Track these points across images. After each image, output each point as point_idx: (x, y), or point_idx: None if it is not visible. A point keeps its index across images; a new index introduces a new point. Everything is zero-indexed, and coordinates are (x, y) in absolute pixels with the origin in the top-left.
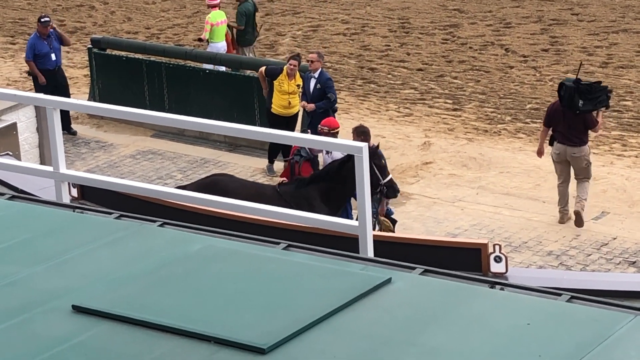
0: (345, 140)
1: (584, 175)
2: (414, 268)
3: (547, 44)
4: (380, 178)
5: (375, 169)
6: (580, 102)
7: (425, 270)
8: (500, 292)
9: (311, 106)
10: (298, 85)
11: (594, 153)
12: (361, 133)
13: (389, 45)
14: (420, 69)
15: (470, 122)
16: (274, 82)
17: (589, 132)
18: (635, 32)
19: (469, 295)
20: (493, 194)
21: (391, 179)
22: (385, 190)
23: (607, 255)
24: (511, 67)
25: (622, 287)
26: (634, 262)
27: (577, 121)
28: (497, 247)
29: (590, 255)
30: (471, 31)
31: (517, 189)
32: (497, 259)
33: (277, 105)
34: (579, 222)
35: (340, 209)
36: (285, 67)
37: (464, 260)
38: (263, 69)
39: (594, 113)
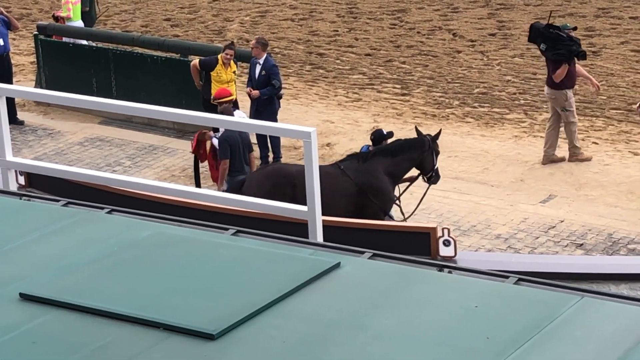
0: (294, 126)
1: (563, 119)
2: (362, 252)
3: (494, 29)
4: (435, 163)
5: (434, 155)
6: (543, 45)
7: (374, 255)
8: (448, 275)
9: (256, 93)
10: (234, 72)
11: (541, 137)
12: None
13: (337, 31)
14: (368, 54)
15: (418, 107)
16: (212, 73)
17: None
18: (581, 16)
19: (418, 279)
20: (442, 178)
21: (437, 167)
22: (433, 176)
23: (554, 238)
24: (459, 52)
25: (570, 269)
26: (581, 245)
27: (549, 65)
28: (445, 231)
29: (538, 238)
30: (419, 16)
31: (465, 173)
32: (446, 243)
33: None
34: (572, 157)
35: (397, 184)
36: (220, 57)
37: (413, 244)
38: (196, 62)
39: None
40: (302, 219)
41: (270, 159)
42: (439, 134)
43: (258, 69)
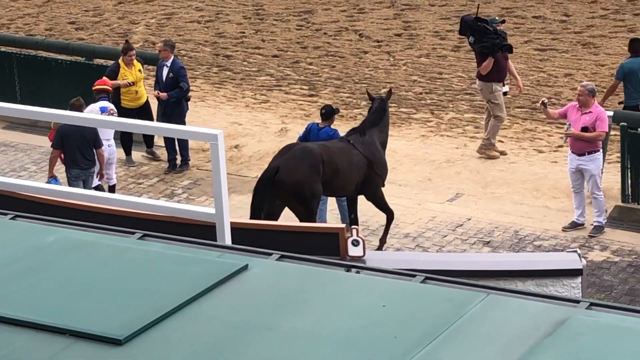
0: (201, 128)
1: (490, 112)
2: (270, 254)
3: (400, 29)
4: None
5: None
6: (471, 37)
7: (282, 256)
8: (356, 275)
9: (164, 95)
10: (140, 70)
11: (447, 136)
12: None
13: (243, 32)
14: (275, 56)
15: None
16: (117, 78)
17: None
18: (485, 15)
19: (326, 279)
20: None
21: None
22: None
23: (462, 236)
24: (365, 52)
25: (476, 267)
26: (488, 242)
27: (477, 57)
28: (354, 231)
29: (446, 236)
30: (325, 17)
31: None
32: (355, 243)
33: (126, 99)
34: (481, 150)
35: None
36: (120, 61)
37: (322, 245)
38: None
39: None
40: (210, 221)
41: (178, 161)
42: (390, 92)
43: (165, 71)
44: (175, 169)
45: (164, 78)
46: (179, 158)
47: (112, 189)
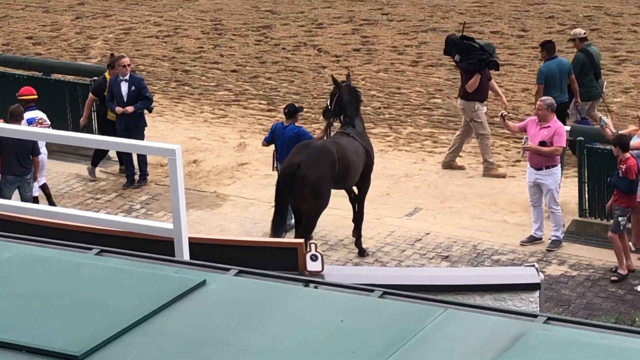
0: (159, 143)
1: (474, 131)
2: (228, 269)
3: (358, 44)
4: None
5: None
6: (457, 56)
7: (240, 271)
8: (314, 290)
9: (130, 108)
10: None
11: (405, 150)
12: None
13: (202, 47)
14: (234, 70)
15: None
16: (105, 93)
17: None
18: (443, 30)
19: (284, 294)
20: None
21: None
22: None
23: (420, 251)
24: (324, 67)
25: (435, 282)
26: (447, 257)
27: (462, 75)
28: (313, 246)
29: (404, 251)
30: (284, 32)
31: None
32: (313, 258)
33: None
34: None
35: None
36: (106, 74)
37: (280, 260)
38: (91, 95)
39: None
40: (168, 236)
41: (137, 176)
42: (348, 75)
43: (125, 86)
44: (134, 184)
45: (126, 92)
46: (137, 172)
47: (36, 199)
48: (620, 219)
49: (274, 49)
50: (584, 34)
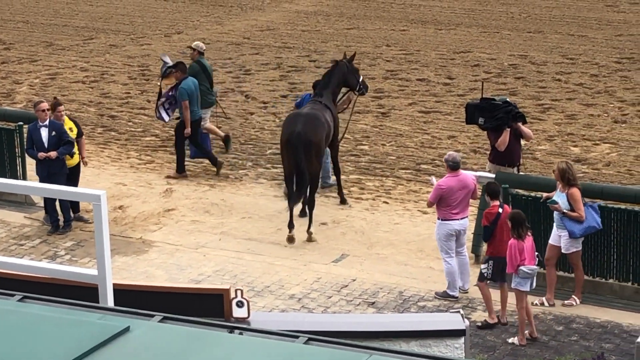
0: (84, 189)
1: None
2: (152, 316)
3: (286, 90)
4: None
5: (354, 72)
6: (481, 119)
7: (164, 318)
8: (239, 337)
9: (53, 153)
10: (71, 129)
11: (332, 197)
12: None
13: (129, 93)
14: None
15: (211, 169)
16: None
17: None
18: (370, 77)
19: (208, 341)
20: (236, 239)
21: (362, 79)
22: (361, 88)
23: (347, 297)
24: (252, 114)
25: (360, 328)
26: (373, 303)
27: (490, 137)
28: (239, 292)
29: (331, 297)
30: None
31: (259, 233)
32: (239, 304)
33: None
34: None
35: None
36: (51, 118)
37: (206, 306)
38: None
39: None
40: (92, 283)
41: (61, 222)
42: (353, 55)
43: (45, 131)
44: (59, 230)
45: (46, 138)
46: (61, 218)
47: None
48: (482, 266)
49: None
50: (203, 48)
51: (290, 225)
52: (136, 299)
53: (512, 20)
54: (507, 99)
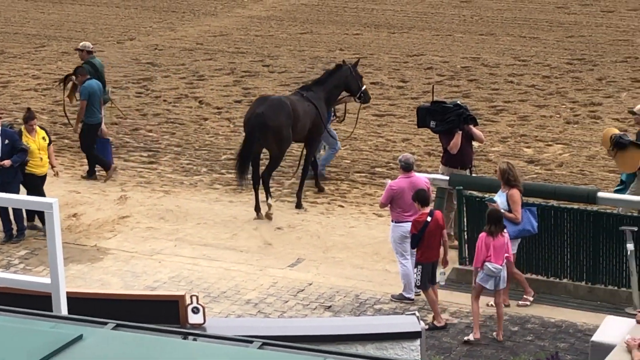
0: (35, 197)
1: (453, 200)
2: (105, 323)
3: (240, 96)
4: (360, 86)
5: (358, 79)
6: (432, 122)
7: (118, 325)
8: (193, 343)
9: (7, 162)
10: (44, 138)
11: (288, 201)
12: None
13: None
14: (114, 123)
15: (166, 175)
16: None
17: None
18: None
19: (162, 348)
20: (191, 246)
21: (364, 88)
22: (362, 96)
23: (303, 301)
24: (205, 119)
25: (317, 332)
26: (330, 307)
27: (443, 140)
28: (194, 299)
29: (287, 302)
30: (165, 84)
31: (214, 239)
32: (195, 310)
33: (31, 165)
34: None
35: (330, 107)
36: (22, 128)
37: (162, 313)
38: None
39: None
40: (45, 291)
41: (15, 231)
42: (357, 61)
43: None
44: (12, 239)
45: (0, 147)
46: (15, 227)
47: None
48: (413, 270)
49: (155, 101)
50: (91, 47)
51: (257, 209)
52: (91, 307)
53: (464, 23)
54: (459, 102)
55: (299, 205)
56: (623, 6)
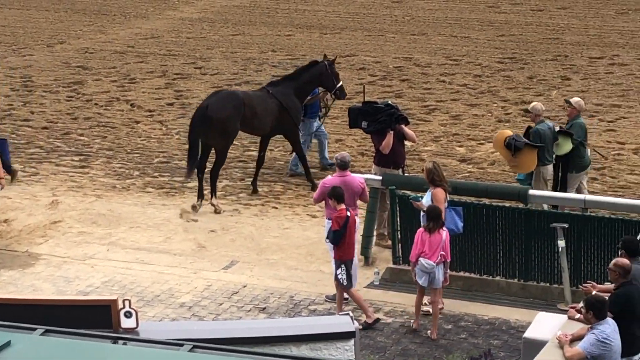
0: None
1: (386, 200)
2: (34, 329)
3: (172, 98)
4: (336, 82)
5: (334, 76)
6: (363, 123)
7: (47, 331)
8: (123, 347)
9: None
10: None
11: (221, 203)
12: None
13: (12, 105)
14: (45, 127)
15: (98, 179)
16: None
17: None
18: (256, 83)
19: (91, 352)
20: (124, 250)
21: (341, 84)
22: (337, 93)
23: (238, 304)
24: (137, 122)
25: (251, 334)
26: (264, 308)
27: (374, 140)
28: (127, 303)
29: (222, 304)
30: (96, 87)
31: (147, 243)
32: (128, 315)
33: None
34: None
35: (303, 102)
36: None
37: (94, 318)
38: None
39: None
40: None
41: None
42: (335, 59)
43: None
44: None
45: None
46: None
47: None
48: (337, 271)
49: (86, 105)
50: None
51: (200, 195)
52: (21, 314)
53: (395, 23)
54: (390, 102)
55: (255, 191)
56: (552, 5)
